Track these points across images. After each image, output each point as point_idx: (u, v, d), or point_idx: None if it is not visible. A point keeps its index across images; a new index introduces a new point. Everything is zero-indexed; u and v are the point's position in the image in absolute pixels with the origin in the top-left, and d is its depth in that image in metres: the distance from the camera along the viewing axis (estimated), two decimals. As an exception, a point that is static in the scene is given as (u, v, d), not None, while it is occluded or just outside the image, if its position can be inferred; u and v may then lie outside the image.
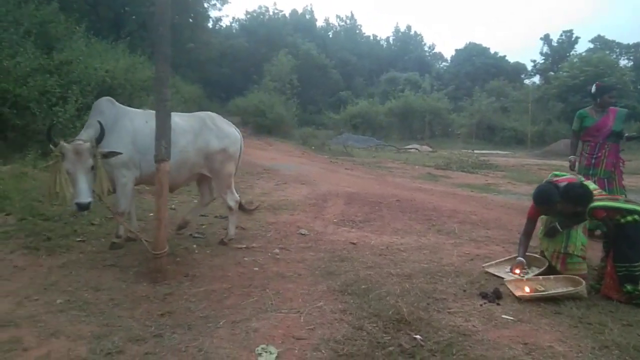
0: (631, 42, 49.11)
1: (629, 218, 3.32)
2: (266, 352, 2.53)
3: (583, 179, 4.24)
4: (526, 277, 3.68)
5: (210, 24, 36.74)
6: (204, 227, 5.30)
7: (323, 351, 2.57)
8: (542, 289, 3.43)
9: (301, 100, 31.61)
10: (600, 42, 49.80)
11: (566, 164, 6.00)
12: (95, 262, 3.89)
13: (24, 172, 6.43)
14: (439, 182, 10.51)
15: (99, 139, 3.82)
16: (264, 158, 13.34)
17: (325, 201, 7.02)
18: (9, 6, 11.17)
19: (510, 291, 3.42)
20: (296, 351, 2.57)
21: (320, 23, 59.29)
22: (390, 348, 2.62)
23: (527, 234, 4.01)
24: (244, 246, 4.57)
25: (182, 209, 5.97)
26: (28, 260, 3.81)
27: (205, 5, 29.78)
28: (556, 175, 4.20)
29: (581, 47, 51.38)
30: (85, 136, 3.95)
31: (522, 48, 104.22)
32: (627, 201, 3.64)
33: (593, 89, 5.51)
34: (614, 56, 45.01)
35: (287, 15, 52.97)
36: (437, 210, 6.42)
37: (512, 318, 3.02)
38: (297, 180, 9.32)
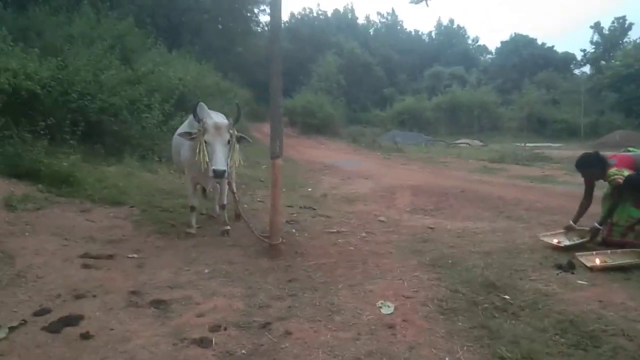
0: (690, 27, 46.77)
1: None
2: (385, 305, 3.16)
3: None
4: (563, 244, 4.34)
5: (258, 29, 37.84)
6: (294, 215, 5.98)
7: (430, 306, 3.18)
8: (611, 260, 3.90)
9: (346, 99, 32.25)
10: (656, 28, 47.61)
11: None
12: (219, 243, 4.65)
13: (130, 171, 7.33)
14: (496, 175, 10.88)
15: (235, 120, 4.54)
16: (320, 156, 14.04)
17: (393, 193, 7.61)
18: (92, 22, 12.36)
19: (582, 263, 3.91)
20: (408, 306, 3.18)
21: (361, 20, 59.40)
22: (485, 305, 3.19)
23: (583, 200, 4.65)
24: (335, 230, 5.23)
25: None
26: (165, 242, 4.61)
27: (256, 10, 30.69)
28: (627, 150, 4.66)
29: (635, 34, 49.28)
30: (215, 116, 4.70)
31: (570, 37, 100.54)
32: None
33: None
34: (672, 42, 43.08)
35: (329, 14, 53.62)
36: (503, 199, 6.89)
37: (586, 283, 3.53)
38: (360, 175, 9.94)
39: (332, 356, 2.55)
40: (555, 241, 4.49)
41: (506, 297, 3.29)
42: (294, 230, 5.16)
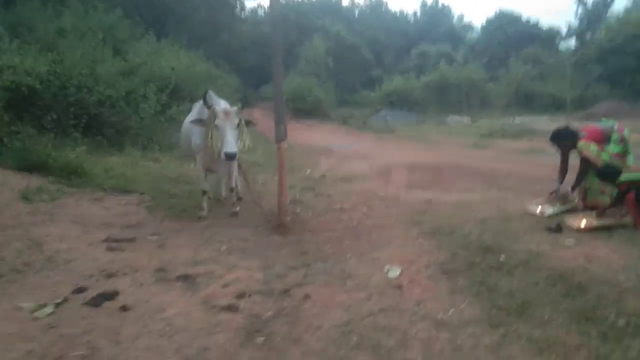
0: (672, -3, 47.17)
1: None
2: (392, 270, 3.47)
3: (615, 125, 4.84)
4: (547, 213, 4.69)
5: (242, 14, 37.67)
6: (297, 196, 6.24)
7: (432, 268, 3.50)
8: (596, 222, 4.25)
9: (335, 81, 32.37)
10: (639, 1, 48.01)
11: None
12: (230, 223, 4.93)
13: (133, 161, 7.55)
14: (487, 150, 11.23)
15: (242, 106, 4.79)
16: (313, 139, 14.28)
17: (389, 171, 7.90)
18: (80, 15, 12.41)
19: (570, 225, 4.25)
20: (413, 269, 3.50)
21: (345, 3, 59.09)
22: (482, 265, 3.51)
23: (560, 169, 5.11)
24: (338, 208, 5.52)
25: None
26: (179, 225, 4.88)
27: (241, -2, 30.51)
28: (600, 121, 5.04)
29: (618, 6, 49.63)
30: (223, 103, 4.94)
31: (555, 12, 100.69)
32: None
33: None
34: (653, 13, 43.46)
35: (313, -1, 53.26)
36: (494, 172, 7.22)
37: (573, 242, 3.87)
38: (355, 155, 10.23)
39: (349, 313, 2.85)
40: (538, 210, 4.82)
41: (501, 257, 3.62)
42: (298, 209, 5.44)
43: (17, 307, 3.01)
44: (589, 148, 4.57)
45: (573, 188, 4.87)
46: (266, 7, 49.63)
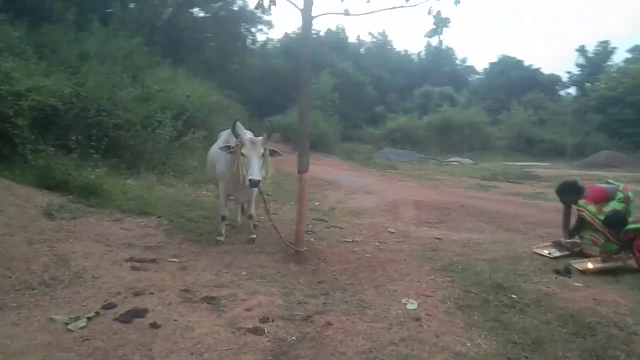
0: (670, 51, 48.60)
1: None
2: (409, 302, 3.61)
3: (621, 185, 5.10)
4: (554, 254, 4.92)
5: (254, 47, 38.59)
6: (309, 226, 6.39)
7: (448, 303, 3.64)
8: (600, 265, 4.43)
9: (339, 116, 32.92)
10: (638, 52, 49.39)
11: (607, 174, 6.81)
12: (247, 249, 5.07)
13: (149, 184, 7.73)
14: (490, 192, 11.45)
15: (268, 136, 5.00)
16: (319, 172, 14.45)
17: (397, 207, 8.09)
18: (102, 40, 12.84)
19: (577, 268, 4.42)
20: (429, 303, 3.64)
21: (352, 40, 60.42)
22: (495, 303, 3.65)
23: (563, 220, 5.40)
24: (350, 240, 5.67)
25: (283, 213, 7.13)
26: (198, 248, 5.02)
27: (253, 30, 31.43)
28: (607, 182, 5.25)
29: (618, 58, 51.03)
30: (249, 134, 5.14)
31: (556, 60, 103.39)
32: None
33: None
34: (653, 66, 44.68)
35: (322, 34, 54.60)
36: (500, 214, 7.41)
37: (581, 285, 4.02)
38: (362, 190, 10.43)
39: (371, 341, 2.98)
40: (546, 252, 5.01)
41: (513, 296, 3.76)
42: (312, 240, 5.58)
43: (51, 319, 3.13)
44: (587, 208, 4.82)
45: (571, 235, 5.13)
46: (276, 40, 50.99)
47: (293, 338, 3.04)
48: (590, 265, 4.42)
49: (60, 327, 3.04)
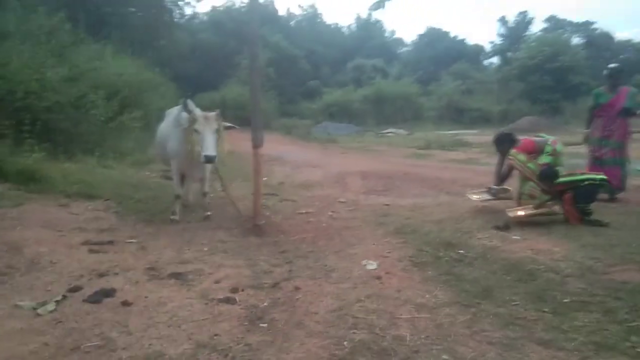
0: (581, 21, 52.14)
1: (585, 182, 4.84)
2: (369, 263, 3.85)
3: (550, 139, 5.56)
4: (483, 198, 5.68)
5: (180, 20, 37.11)
6: (263, 201, 6.46)
7: (404, 262, 3.92)
8: (531, 212, 4.98)
9: (275, 92, 32.74)
10: (553, 22, 52.49)
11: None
12: (205, 227, 5.11)
13: (90, 167, 7.46)
14: (428, 160, 12.02)
15: (221, 112, 4.99)
16: (262, 148, 14.48)
17: (344, 178, 8.35)
18: (21, 18, 11.91)
19: (508, 215, 4.93)
20: (387, 263, 3.90)
21: (282, 13, 59.53)
22: (446, 258, 3.98)
23: (496, 167, 5.94)
24: (304, 212, 5.85)
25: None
26: (153, 228, 4.99)
27: (180, 3, 30.20)
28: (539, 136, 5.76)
29: (536, 27, 54.04)
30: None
31: (480, 31, 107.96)
32: (582, 173, 5.17)
33: (606, 71, 6.50)
34: (566, 35, 47.72)
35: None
36: (440, 179, 7.86)
37: (519, 238, 4.45)
38: (307, 164, 10.60)
39: (339, 300, 3.19)
40: (477, 197, 5.74)
41: (461, 251, 4.12)
42: (268, 213, 5.70)
43: (17, 306, 3.08)
44: (516, 157, 5.30)
45: (498, 184, 5.70)
46: (202, 14, 49.11)
47: (265, 304, 3.18)
48: (521, 213, 4.93)
49: (28, 313, 2.99)
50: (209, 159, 4.71)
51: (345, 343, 2.62)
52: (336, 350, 2.54)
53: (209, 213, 5.49)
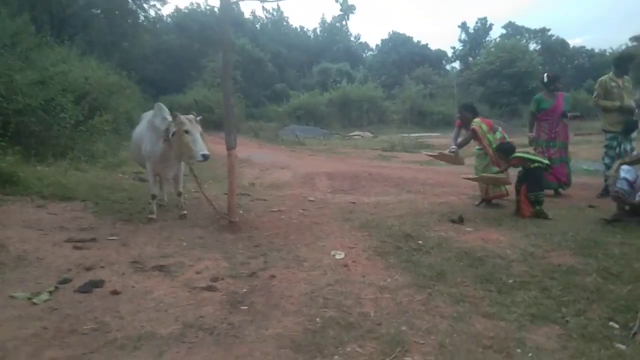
0: (538, 27, 54.49)
1: (536, 164, 5.36)
2: (337, 253, 4.24)
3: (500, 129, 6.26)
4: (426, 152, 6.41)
5: (145, 22, 36.74)
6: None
7: (368, 252, 4.32)
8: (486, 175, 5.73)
9: (242, 95, 32.89)
10: (512, 28, 54.65)
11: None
12: (181, 224, 5.38)
13: (62, 170, 7.58)
14: (392, 161, 12.56)
15: (197, 114, 5.26)
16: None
17: (312, 179, 8.73)
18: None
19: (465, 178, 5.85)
20: (353, 253, 4.30)
21: (247, 16, 59.67)
22: (406, 248, 4.41)
23: (454, 134, 6.72)
24: (276, 210, 6.19)
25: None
26: (132, 227, 5.23)
27: (146, 6, 30.00)
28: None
29: (495, 33, 56.15)
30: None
31: (442, 36, 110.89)
32: (533, 154, 5.73)
33: (545, 78, 7.04)
34: (524, 41, 49.78)
35: (216, 10, 53.13)
36: (402, 179, 8.35)
37: (472, 229, 4.93)
38: (275, 166, 10.94)
39: (311, 285, 3.56)
40: (429, 152, 6.58)
41: (419, 242, 4.55)
42: (241, 212, 6.01)
43: (12, 297, 3.31)
44: (480, 126, 5.97)
45: (458, 146, 6.38)
46: (164, 15, 48.62)
47: (244, 290, 3.51)
48: (472, 176, 5.84)
49: (24, 303, 3.22)
50: (206, 158, 4.97)
51: (317, 320, 2.98)
52: (309, 326, 2.91)
53: (185, 212, 5.76)
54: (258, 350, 2.61)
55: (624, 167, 5.05)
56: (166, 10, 58.86)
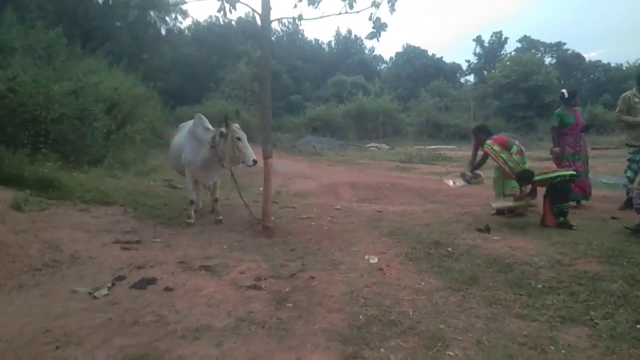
0: (553, 41, 54.50)
1: (557, 179, 5.54)
2: (371, 258, 4.45)
3: (516, 142, 6.36)
4: (458, 184, 6.58)
5: (164, 34, 37.53)
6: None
7: (400, 257, 4.53)
8: (511, 203, 5.88)
9: (259, 106, 33.42)
10: (527, 42, 54.68)
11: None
12: (218, 229, 5.65)
13: (99, 177, 7.92)
14: (411, 172, 12.75)
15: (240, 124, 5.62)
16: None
17: (336, 189, 8.97)
18: (20, 34, 12.32)
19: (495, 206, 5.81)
20: (386, 258, 4.51)
21: (264, 28, 60.28)
22: (436, 255, 4.61)
23: (471, 156, 6.75)
24: (305, 217, 6.43)
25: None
26: (173, 230, 5.51)
27: (167, 19, 30.73)
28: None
29: (510, 47, 56.22)
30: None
31: (456, 49, 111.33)
32: (553, 170, 5.90)
33: (565, 94, 7.15)
34: (539, 55, 49.83)
35: (233, 23, 54.17)
36: (425, 189, 8.55)
37: (499, 238, 5.12)
38: (299, 175, 11.21)
39: (350, 286, 3.78)
40: (451, 183, 6.55)
41: (449, 249, 4.75)
42: (273, 218, 6.25)
43: (74, 292, 3.58)
44: (492, 147, 6.04)
45: (471, 170, 6.51)
46: (183, 28, 49.58)
47: (287, 289, 3.75)
48: (501, 204, 5.93)
49: (85, 297, 3.50)
50: (256, 162, 5.36)
51: (360, 317, 3.20)
52: (354, 322, 3.12)
53: (220, 217, 6.03)
54: (309, 342, 2.84)
55: None
56: (185, 23, 60.01)
